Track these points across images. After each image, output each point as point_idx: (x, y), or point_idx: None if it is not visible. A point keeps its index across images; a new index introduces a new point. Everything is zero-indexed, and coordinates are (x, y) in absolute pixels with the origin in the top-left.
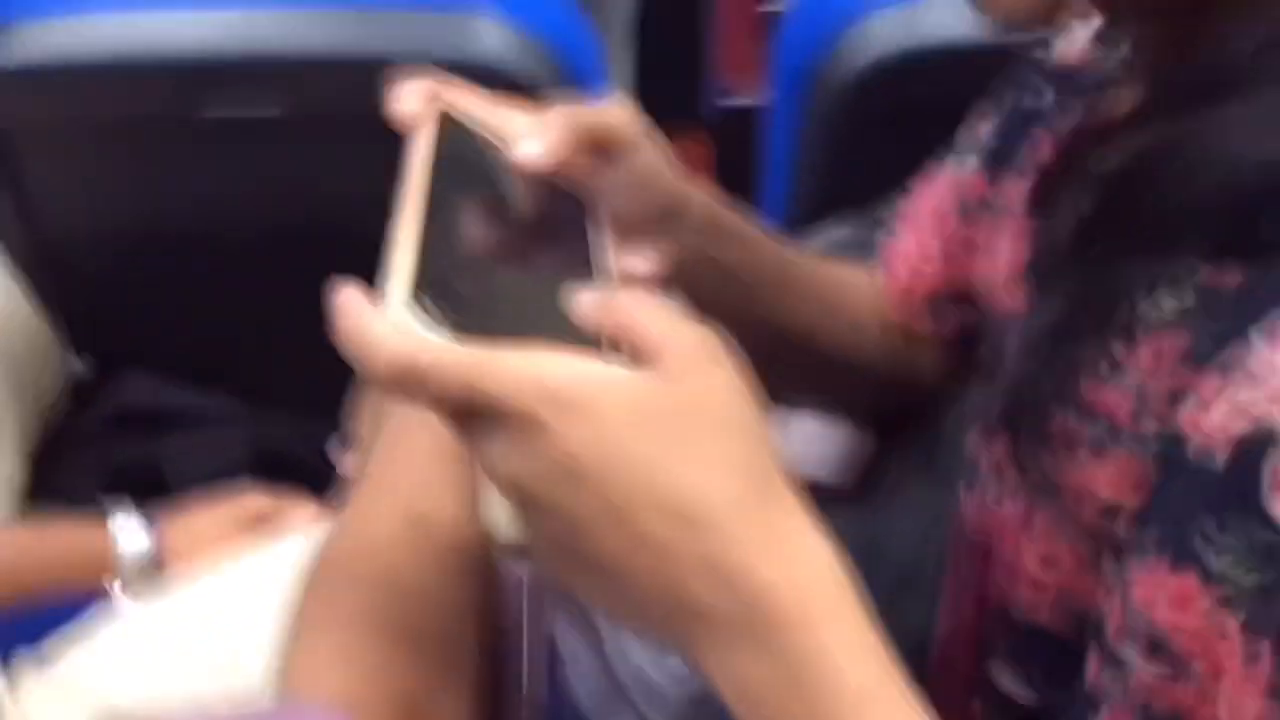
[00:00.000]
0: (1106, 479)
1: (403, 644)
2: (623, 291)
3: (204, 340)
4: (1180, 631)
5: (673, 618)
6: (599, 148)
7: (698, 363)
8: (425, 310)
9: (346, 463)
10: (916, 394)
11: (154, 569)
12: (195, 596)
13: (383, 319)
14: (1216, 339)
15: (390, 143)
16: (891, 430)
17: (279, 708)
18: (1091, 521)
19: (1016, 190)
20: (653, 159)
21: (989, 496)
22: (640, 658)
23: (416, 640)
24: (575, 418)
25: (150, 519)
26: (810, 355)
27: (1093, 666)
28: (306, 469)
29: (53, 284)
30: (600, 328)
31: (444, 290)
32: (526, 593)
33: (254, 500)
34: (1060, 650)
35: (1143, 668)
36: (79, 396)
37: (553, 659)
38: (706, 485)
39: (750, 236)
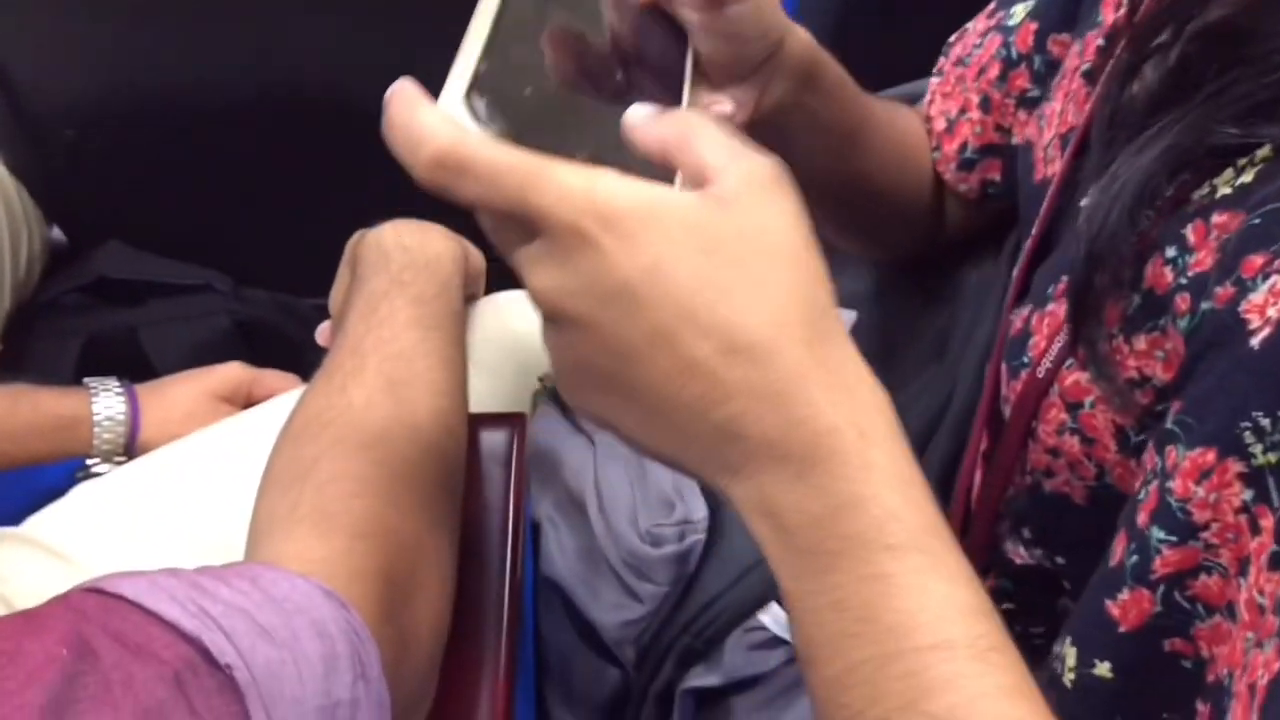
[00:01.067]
0: (1162, 363)
1: (380, 514)
2: (683, 112)
3: (185, 215)
4: (1214, 521)
5: (716, 447)
6: None
7: (756, 190)
8: (478, 114)
9: (323, 333)
10: (940, 245)
11: (131, 437)
12: (172, 461)
13: (435, 110)
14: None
15: (385, 13)
16: (903, 311)
17: (249, 566)
18: (1142, 405)
19: (1075, 49)
20: (761, 2)
21: (1038, 373)
22: (631, 539)
23: (395, 510)
24: (627, 237)
25: (128, 386)
26: (875, 205)
27: (1118, 547)
28: (288, 341)
29: (30, 153)
30: (656, 146)
31: (503, 99)
32: (512, 469)
33: (234, 371)
34: (1080, 517)
35: (1169, 552)
36: (57, 268)
37: (534, 537)
38: (762, 313)
39: (840, 85)
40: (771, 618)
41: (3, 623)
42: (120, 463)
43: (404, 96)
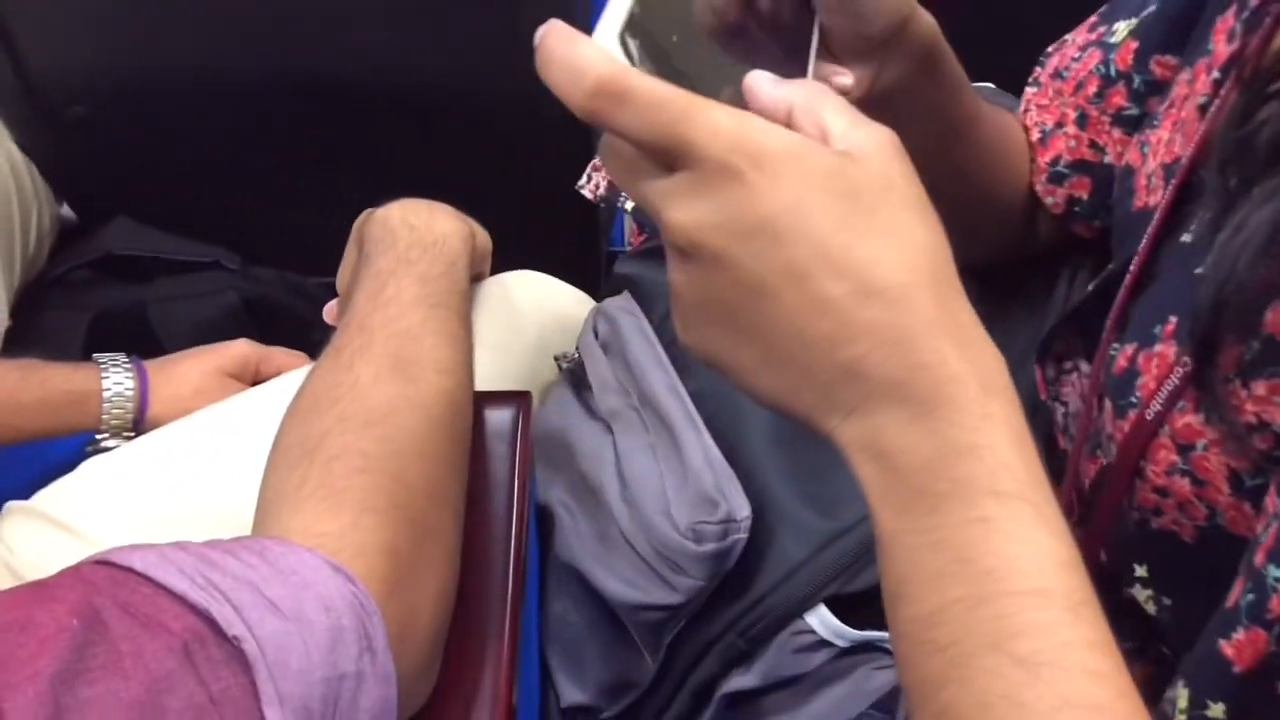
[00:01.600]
0: None
1: (386, 490)
2: (807, 80)
3: (194, 193)
4: None
5: (835, 386)
6: None
7: (880, 151)
8: (630, 52)
9: (330, 311)
10: (1026, 248)
11: (140, 413)
12: (180, 437)
13: (594, 44)
14: None
15: None
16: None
17: (257, 540)
18: (1259, 450)
19: (1184, 76)
20: None
21: (1147, 414)
22: (666, 531)
23: (401, 486)
24: (773, 176)
25: (137, 364)
26: (973, 205)
27: (1236, 588)
28: (295, 319)
29: (40, 131)
30: (782, 107)
31: (651, 42)
32: (517, 447)
33: (241, 348)
34: (1188, 556)
35: None
36: (66, 245)
37: (546, 522)
38: (896, 260)
39: (956, 76)
40: (819, 620)
41: (13, 594)
42: (129, 438)
43: (560, 31)
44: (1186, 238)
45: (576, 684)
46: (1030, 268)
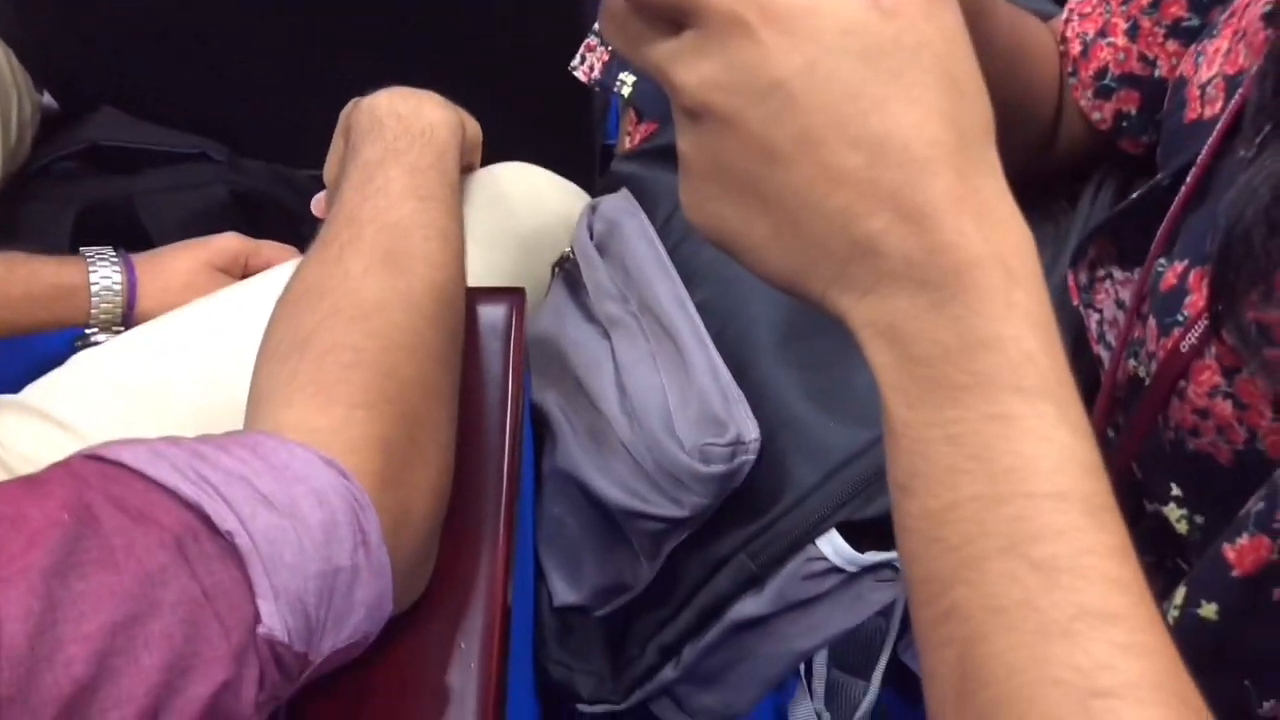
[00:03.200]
0: None
1: (378, 384)
2: None
3: (180, 82)
4: None
5: (850, 263)
6: None
7: (919, 3)
8: None
9: (319, 204)
10: (1052, 168)
11: (129, 307)
12: (170, 330)
13: None
14: None
15: None
16: None
17: (249, 435)
18: None
19: None
20: None
21: (1189, 333)
22: (671, 449)
23: (392, 380)
24: (787, 32)
25: (125, 256)
26: None
27: (1252, 499)
28: (284, 212)
29: (18, 16)
30: None
31: None
32: (510, 343)
33: (230, 241)
34: (1223, 478)
35: None
36: (50, 135)
37: (541, 427)
38: (917, 130)
39: None
40: (831, 547)
41: (4, 488)
42: (118, 332)
43: None
44: (1244, 153)
45: (570, 585)
46: (1053, 182)
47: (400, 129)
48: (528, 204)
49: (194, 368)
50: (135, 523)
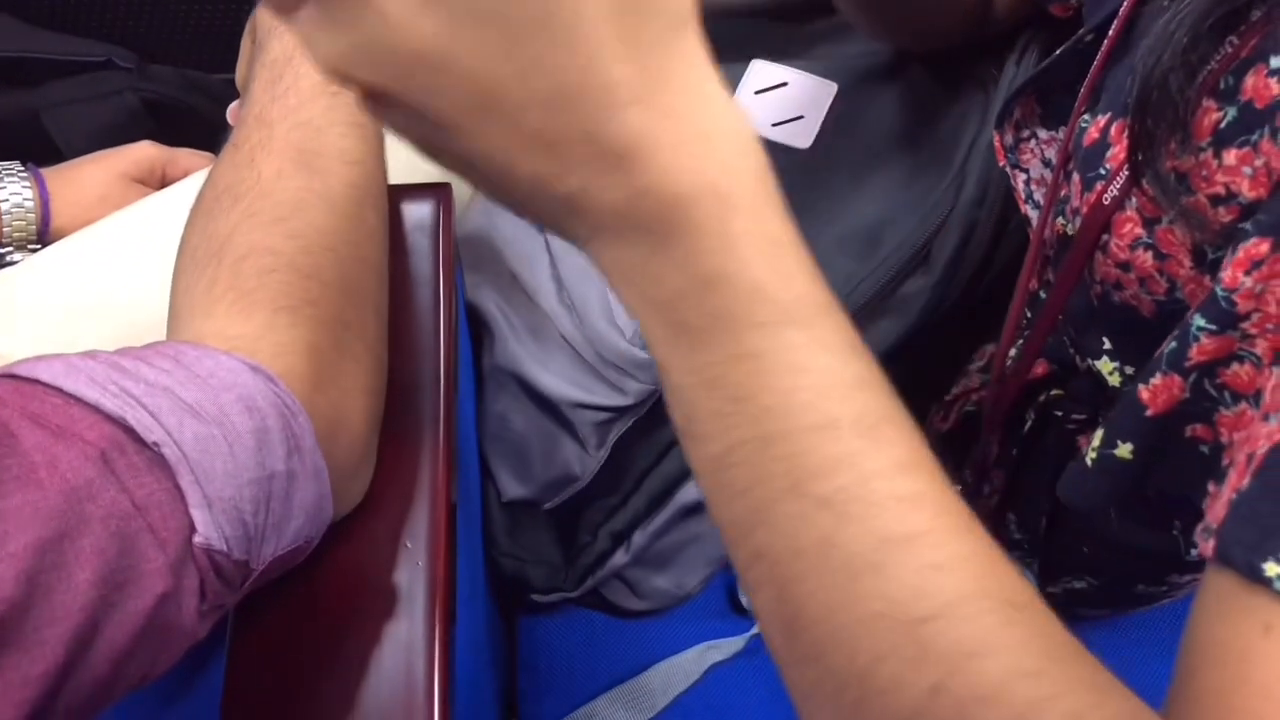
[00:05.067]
0: (1250, 180)
1: (300, 287)
2: None
3: None
4: (1256, 311)
5: (566, 219)
6: None
7: None
8: None
9: (233, 112)
10: (987, 37)
11: (43, 224)
12: (87, 245)
13: None
14: None
15: None
16: (907, 101)
17: (170, 345)
18: (1223, 222)
19: None
20: None
21: (1111, 185)
22: (613, 338)
23: (315, 282)
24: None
25: (35, 172)
26: None
27: (1167, 339)
28: (199, 119)
29: None
30: None
31: None
32: (439, 240)
33: (145, 150)
34: (1146, 330)
35: (1207, 340)
36: None
37: (476, 324)
38: (583, 70)
39: None
40: None
41: None
42: (34, 250)
43: None
44: (1164, 2)
45: (518, 480)
46: (980, 47)
47: None
48: None
49: (115, 282)
50: (56, 438)
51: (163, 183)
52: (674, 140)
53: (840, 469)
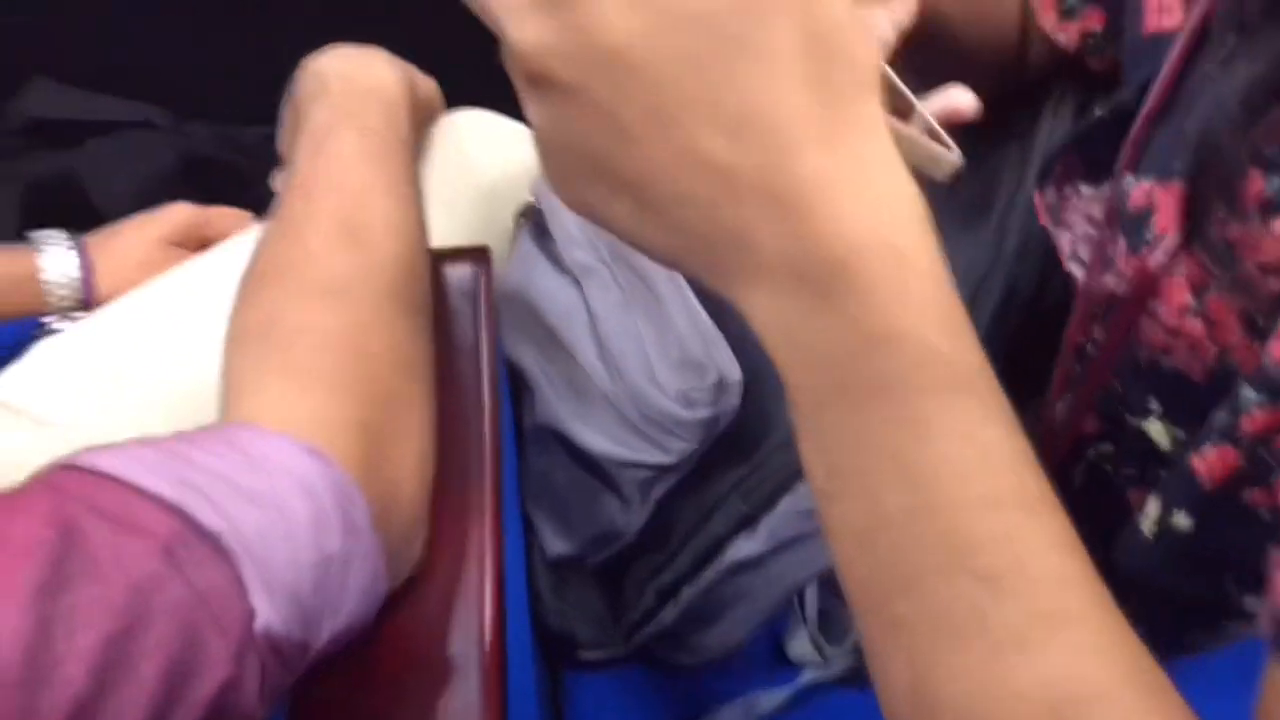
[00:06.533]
0: None
1: (351, 365)
2: None
3: (115, 46)
4: None
5: (725, 253)
6: None
7: None
8: None
9: (277, 180)
10: (1020, 88)
11: (86, 292)
12: (131, 312)
13: None
14: None
15: None
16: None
17: (225, 429)
18: (1271, 290)
19: None
20: None
21: (1155, 251)
22: (655, 396)
23: (365, 359)
24: None
25: (77, 240)
26: (949, 43)
27: (1218, 409)
28: (235, 173)
29: None
30: None
31: None
32: (480, 303)
33: (181, 213)
34: (1198, 395)
35: (1258, 412)
36: None
37: (516, 381)
38: (775, 102)
39: None
40: None
41: None
42: (77, 318)
43: None
44: (1211, 66)
45: (562, 536)
46: (1012, 99)
47: (347, 90)
48: (488, 154)
49: (160, 348)
50: (121, 532)
51: (201, 244)
52: (853, 190)
53: (1001, 545)
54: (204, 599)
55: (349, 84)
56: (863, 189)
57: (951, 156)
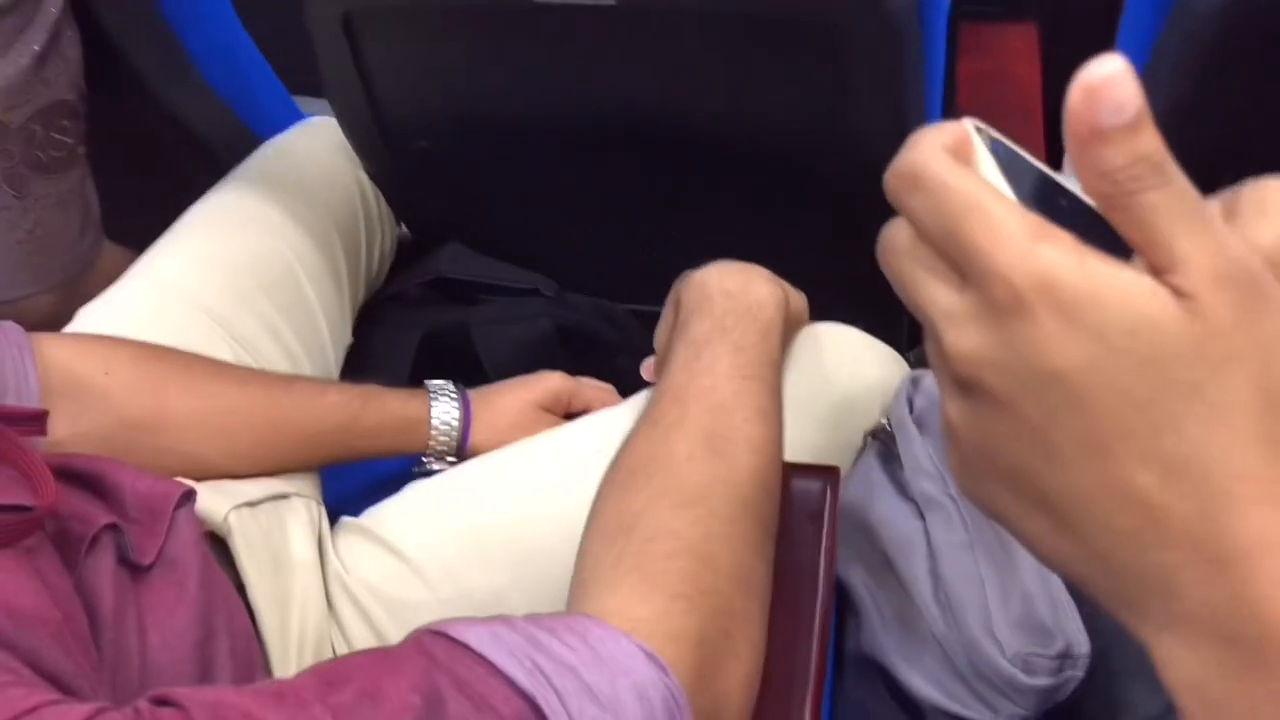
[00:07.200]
0: None
1: (697, 575)
2: (1163, 188)
3: (517, 224)
4: None
5: (1142, 592)
6: None
7: (1232, 298)
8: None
9: (647, 368)
10: None
11: (463, 441)
12: (498, 470)
13: (942, 130)
14: None
15: (725, 47)
16: None
17: (578, 620)
18: None
19: None
20: None
21: None
22: (991, 652)
23: (711, 571)
24: (1068, 320)
25: (463, 394)
26: None
27: None
28: (603, 344)
29: (387, 160)
30: (1115, 221)
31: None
32: (821, 527)
33: (555, 382)
34: None
35: None
36: (402, 264)
37: (842, 606)
38: (1221, 455)
39: None
40: None
41: (361, 659)
42: (451, 463)
43: (949, 133)
44: None
45: None
46: None
47: (728, 306)
48: (844, 369)
49: (518, 508)
50: (477, 710)
51: (567, 411)
52: None
53: None
54: None
55: (730, 300)
56: None
57: None
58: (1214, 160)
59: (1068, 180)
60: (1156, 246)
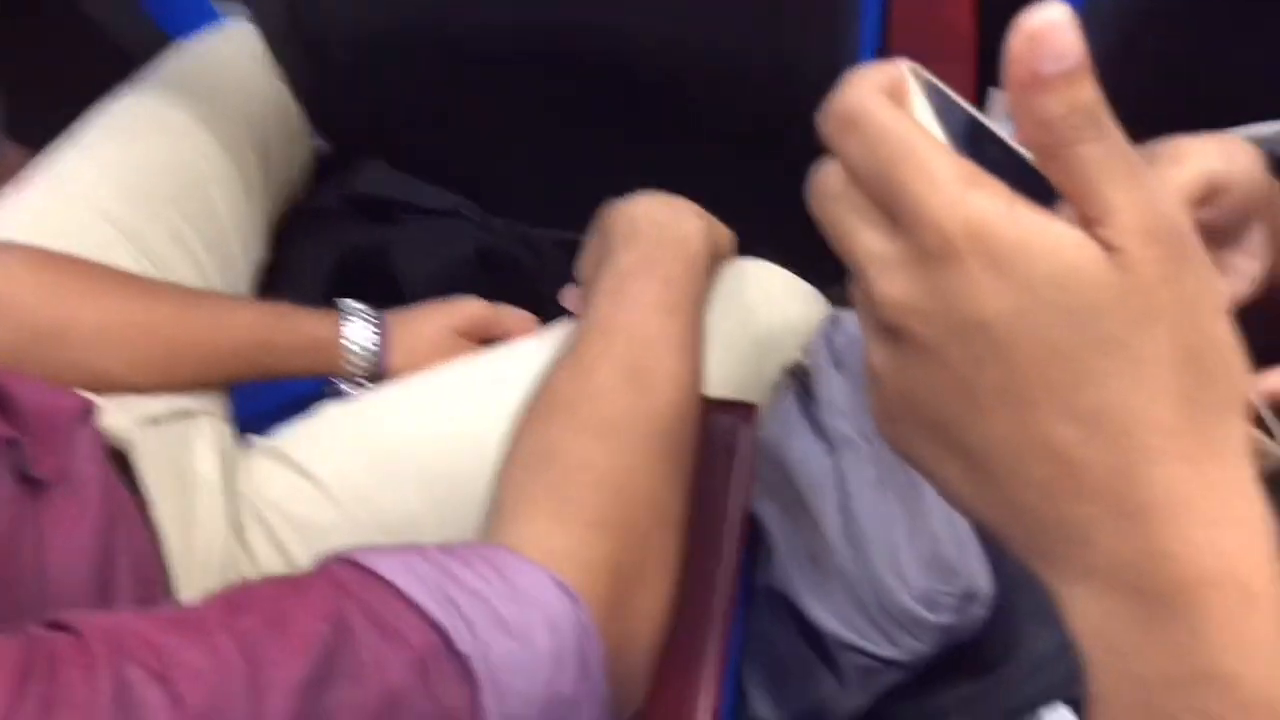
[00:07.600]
0: None
1: (613, 505)
2: (1100, 141)
3: (442, 144)
4: None
5: (1055, 542)
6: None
7: (1166, 251)
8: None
9: (569, 298)
10: None
11: (379, 363)
12: (414, 395)
13: (878, 71)
14: None
15: None
16: None
17: (494, 550)
18: None
19: None
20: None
21: None
22: (897, 591)
23: (628, 503)
24: (995, 269)
25: (380, 315)
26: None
27: None
28: (522, 271)
29: (307, 70)
30: (1049, 171)
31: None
32: (736, 462)
33: (474, 308)
34: None
35: None
36: (320, 179)
37: (754, 541)
38: (1141, 410)
39: None
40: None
41: (271, 585)
42: (362, 384)
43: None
44: None
45: (771, 703)
46: None
47: (656, 238)
48: (766, 306)
49: (430, 436)
50: (385, 639)
51: (485, 338)
52: (1209, 515)
53: None
54: (446, 717)
55: (659, 233)
56: (1218, 516)
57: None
58: (1141, 112)
59: (998, 125)
60: (1089, 198)
